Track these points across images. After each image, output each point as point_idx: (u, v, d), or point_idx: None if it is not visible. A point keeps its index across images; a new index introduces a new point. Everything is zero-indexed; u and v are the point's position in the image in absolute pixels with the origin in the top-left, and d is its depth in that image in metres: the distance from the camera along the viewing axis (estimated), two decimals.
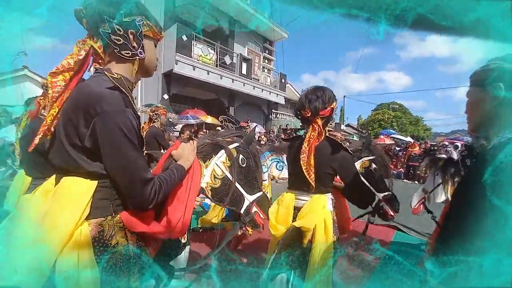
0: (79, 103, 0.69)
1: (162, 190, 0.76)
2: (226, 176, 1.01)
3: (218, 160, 1.02)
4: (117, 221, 0.74)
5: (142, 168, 0.72)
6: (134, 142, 0.71)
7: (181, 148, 0.93)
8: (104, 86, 0.70)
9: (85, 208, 0.68)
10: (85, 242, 0.67)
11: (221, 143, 1.05)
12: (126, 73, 0.79)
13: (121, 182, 0.71)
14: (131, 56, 0.77)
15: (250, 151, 1.12)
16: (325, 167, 1.28)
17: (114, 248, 0.71)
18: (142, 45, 0.77)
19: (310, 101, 1.27)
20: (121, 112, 0.69)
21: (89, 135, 0.68)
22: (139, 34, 0.76)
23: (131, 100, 0.75)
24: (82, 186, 0.69)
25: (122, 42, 0.73)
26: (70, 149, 0.70)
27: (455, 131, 17.16)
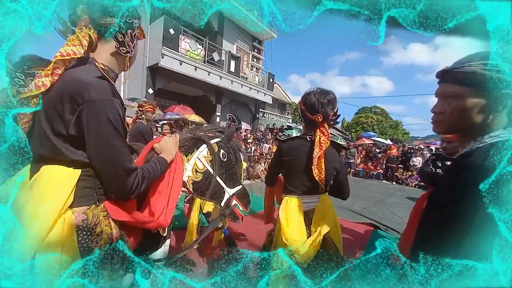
0: (65, 90, 0.68)
1: (145, 181, 0.77)
2: (208, 170, 1.04)
3: (199, 154, 1.04)
4: (101, 209, 0.74)
5: (127, 158, 0.73)
6: (120, 132, 0.71)
7: (164, 141, 0.95)
8: (93, 75, 0.71)
9: (69, 197, 0.68)
10: (68, 230, 0.67)
11: (203, 137, 1.08)
12: (112, 65, 0.81)
13: (105, 171, 0.71)
14: (125, 53, 0.82)
15: (231, 146, 1.15)
16: (331, 168, 1.28)
17: (99, 237, 0.72)
18: (135, 44, 0.84)
19: (322, 105, 1.23)
20: (109, 101, 0.69)
21: (74, 122, 0.68)
22: (134, 35, 0.82)
23: (117, 91, 0.76)
24: (65, 174, 0.69)
25: (122, 40, 0.79)
26: (53, 137, 0.69)
27: (430, 136, 18.24)
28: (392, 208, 4.94)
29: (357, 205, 4.80)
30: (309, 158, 1.25)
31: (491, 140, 0.59)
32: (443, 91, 0.68)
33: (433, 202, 0.73)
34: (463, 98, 0.62)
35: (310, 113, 1.26)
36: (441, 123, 0.69)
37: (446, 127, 0.69)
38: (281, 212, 1.32)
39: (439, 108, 0.69)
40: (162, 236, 0.96)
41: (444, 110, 0.67)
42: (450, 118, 0.66)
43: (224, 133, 1.17)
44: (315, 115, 1.24)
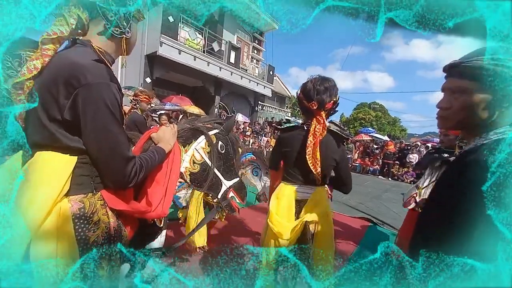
0: (60, 73, 0.65)
1: (143, 169, 0.75)
2: (205, 161, 1.04)
3: (197, 145, 1.04)
4: (98, 198, 0.72)
5: (124, 145, 0.71)
6: (118, 118, 0.69)
7: (162, 131, 0.94)
8: (89, 57, 0.68)
9: (65, 184, 0.65)
10: (64, 218, 0.65)
11: (201, 128, 1.07)
12: (108, 49, 0.77)
13: (102, 158, 0.69)
14: (119, 34, 0.76)
15: (229, 138, 1.15)
16: (329, 159, 1.27)
17: (96, 226, 0.70)
18: (130, 25, 0.78)
19: (318, 92, 1.21)
20: (106, 85, 0.66)
21: (69, 106, 0.65)
22: (128, 14, 0.76)
23: (115, 76, 0.72)
24: (61, 161, 0.67)
25: (114, 19, 0.73)
26: (48, 123, 0.66)
27: (427, 133, 18.35)
28: (387, 204, 5.01)
29: (354, 200, 4.85)
30: (304, 147, 1.24)
31: (496, 137, 0.58)
32: (450, 85, 0.66)
33: (434, 198, 0.72)
34: (470, 93, 0.61)
35: (306, 101, 1.24)
36: (447, 119, 0.68)
37: (452, 122, 0.67)
38: (272, 198, 1.34)
39: (445, 103, 0.67)
40: (158, 227, 0.95)
41: (450, 105, 0.65)
42: (457, 113, 0.64)
43: (222, 124, 1.16)
44: (310, 103, 1.22)
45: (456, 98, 0.64)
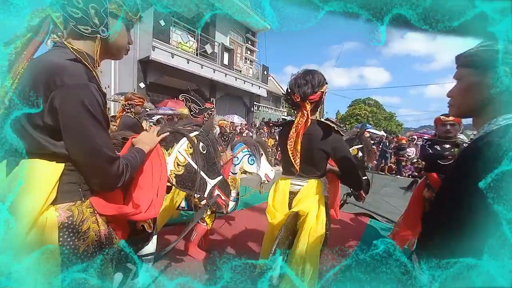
0: (37, 77, 0.62)
1: (129, 169, 0.74)
2: (189, 162, 1.06)
3: (180, 147, 1.06)
4: (87, 205, 0.70)
5: (107, 146, 0.68)
6: (99, 119, 0.66)
7: (142, 134, 0.95)
8: (65, 57, 0.65)
9: (51, 192, 0.63)
10: (51, 228, 0.63)
11: (182, 131, 1.10)
12: (88, 51, 0.73)
13: (85, 162, 0.67)
14: (91, 33, 0.70)
15: (209, 139, 1.19)
16: (317, 151, 1.27)
17: (86, 234, 0.68)
18: (106, 23, 0.71)
19: (299, 85, 1.24)
20: (84, 86, 0.64)
21: (48, 110, 0.62)
22: (104, 11, 0.69)
23: (95, 75, 0.70)
24: (46, 168, 0.64)
25: (81, 16, 0.67)
26: (31, 130, 0.64)
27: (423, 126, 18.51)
28: (386, 198, 5.03)
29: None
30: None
31: (506, 122, 0.59)
32: (455, 75, 0.72)
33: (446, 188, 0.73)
34: (465, 79, 0.67)
35: (292, 94, 1.28)
36: (453, 106, 0.74)
37: (457, 109, 0.73)
38: (271, 191, 1.41)
39: (451, 91, 0.73)
40: (148, 233, 0.94)
41: (453, 93, 0.72)
42: (457, 100, 0.71)
43: (201, 126, 1.20)
44: (293, 95, 1.26)
45: (457, 86, 0.70)
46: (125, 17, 0.75)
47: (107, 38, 0.73)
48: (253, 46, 13.44)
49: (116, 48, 0.79)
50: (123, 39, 0.79)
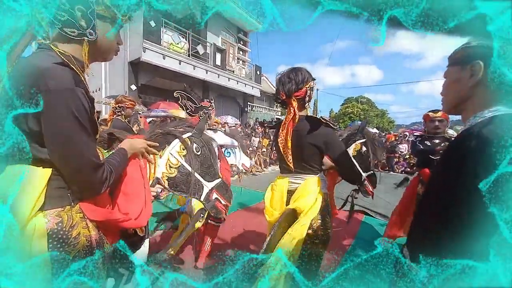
0: (21, 80, 0.60)
1: (113, 174, 0.73)
2: (182, 165, 1.02)
3: (172, 149, 1.03)
4: (76, 210, 0.69)
5: (92, 152, 0.67)
6: (85, 124, 0.65)
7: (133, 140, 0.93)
8: (50, 60, 0.63)
9: (38, 198, 0.62)
10: (39, 235, 0.62)
11: (173, 132, 1.06)
12: (75, 53, 0.71)
13: (68, 167, 0.65)
14: (78, 36, 0.68)
15: (203, 140, 1.15)
16: (308, 146, 1.27)
17: (76, 240, 0.67)
18: (93, 25, 0.69)
19: (283, 83, 1.26)
20: (70, 91, 0.62)
21: (32, 115, 0.60)
22: (90, 13, 0.67)
23: (83, 80, 0.68)
24: (33, 174, 0.63)
25: (67, 18, 0.65)
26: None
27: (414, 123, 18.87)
28: (380, 194, 5.09)
29: (347, 193, 4.90)
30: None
31: (490, 114, 0.61)
32: (443, 74, 0.76)
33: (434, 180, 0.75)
34: (449, 76, 0.72)
35: (277, 93, 1.31)
36: (443, 103, 0.78)
37: (445, 105, 0.77)
38: (268, 191, 1.40)
39: (441, 90, 0.77)
40: (140, 237, 0.92)
41: (442, 91, 0.76)
42: (444, 96, 0.75)
43: (194, 127, 1.16)
44: (279, 94, 1.28)
45: (444, 83, 0.75)
46: (112, 18, 0.73)
47: (95, 40, 0.71)
48: (245, 46, 13.42)
49: (105, 50, 0.77)
50: (111, 40, 0.77)
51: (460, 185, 0.57)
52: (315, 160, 1.32)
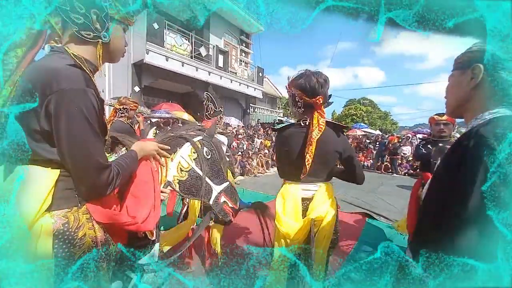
0: (35, 82, 0.62)
1: (120, 176, 0.73)
2: (193, 168, 1.03)
3: (183, 153, 1.03)
4: (83, 212, 0.69)
5: (100, 153, 0.68)
6: (94, 125, 0.66)
7: (144, 142, 0.94)
8: (63, 62, 0.64)
9: (46, 199, 0.62)
10: (45, 236, 0.62)
11: (185, 136, 1.06)
12: (87, 56, 0.72)
13: (75, 167, 0.66)
14: (93, 38, 0.70)
15: (214, 143, 1.15)
16: (330, 153, 1.23)
17: (82, 241, 0.67)
18: (107, 28, 0.72)
19: (322, 85, 1.19)
20: (81, 91, 0.63)
21: (43, 115, 0.62)
22: (105, 16, 0.70)
23: (93, 81, 0.70)
24: (41, 174, 0.64)
25: (83, 21, 0.67)
26: (27, 135, 0.63)
27: (418, 125, 18.75)
28: (383, 196, 5.06)
29: (350, 195, 4.88)
30: (305, 143, 1.20)
31: (491, 116, 0.61)
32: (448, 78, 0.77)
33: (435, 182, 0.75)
34: (451, 80, 0.74)
35: (308, 96, 1.20)
36: (446, 106, 0.79)
37: (448, 108, 0.78)
38: (278, 198, 1.29)
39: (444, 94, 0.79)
40: (150, 240, 0.92)
41: (445, 94, 0.78)
42: (447, 99, 0.77)
43: (205, 131, 1.16)
44: (315, 98, 1.18)
45: (451, 86, 0.75)
46: (122, 21, 0.76)
47: (108, 42, 0.74)
48: (248, 48, 13.47)
49: (116, 51, 0.80)
50: (122, 42, 0.80)
51: (461, 186, 0.57)
52: (332, 166, 1.29)
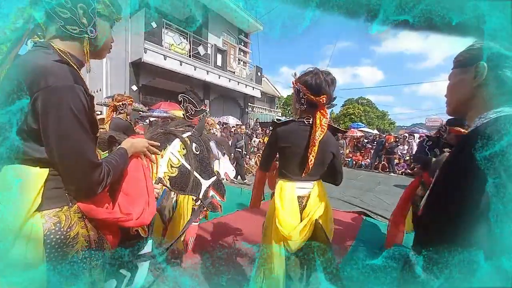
0: (19, 77, 0.60)
1: (110, 175, 0.72)
2: (183, 164, 1.04)
3: (173, 149, 1.04)
4: (74, 211, 0.68)
5: (90, 151, 0.67)
6: (83, 122, 0.64)
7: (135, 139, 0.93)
8: (50, 58, 0.63)
9: (35, 199, 0.61)
10: (36, 236, 0.61)
11: (174, 132, 1.07)
12: (73, 51, 0.71)
13: (65, 166, 0.64)
14: (79, 34, 0.69)
15: (202, 139, 1.17)
16: (327, 153, 1.26)
17: (74, 240, 0.66)
18: (94, 23, 0.70)
19: (328, 85, 1.19)
20: (69, 88, 0.62)
21: (30, 113, 0.60)
22: (91, 11, 0.69)
23: (81, 77, 0.68)
24: (30, 174, 0.62)
25: (69, 16, 0.66)
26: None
27: (415, 124, 18.85)
28: (380, 196, 5.09)
29: (348, 194, 4.90)
30: (309, 142, 1.21)
31: (495, 115, 0.60)
32: (448, 77, 0.75)
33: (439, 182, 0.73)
34: (453, 78, 0.72)
35: (313, 95, 1.19)
36: (447, 105, 0.77)
37: (449, 107, 0.76)
38: (276, 196, 1.28)
39: (445, 93, 0.76)
40: (143, 237, 0.92)
41: (446, 93, 0.76)
42: (448, 98, 0.75)
43: (193, 127, 1.18)
44: (319, 97, 1.18)
45: (448, 86, 0.74)
46: (108, 16, 0.75)
47: (95, 38, 0.72)
48: (246, 47, 13.45)
49: (102, 47, 0.78)
50: (108, 38, 0.79)
51: (467, 186, 0.57)
52: (325, 166, 1.31)
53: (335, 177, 1.38)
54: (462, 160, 0.61)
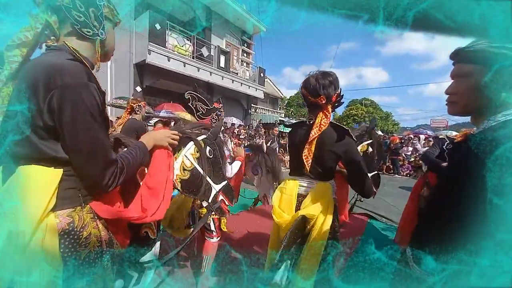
0: (38, 77, 0.62)
1: (124, 171, 0.72)
2: (195, 167, 1.03)
3: (187, 151, 1.03)
4: (87, 211, 0.69)
5: (106, 147, 0.68)
6: (98, 119, 0.66)
7: (154, 131, 0.94)
8: (64, 57, 0.66)
9: (50, 199, 0.62)
10: (51, 236, 0.62)
11: (189, 134, 1.07)
12: (85, 53, 0.74)
13: (82, 161, 0.66)
14: (92, 36, 0.73)
15: (216, 143, 1.17)
16: (328, 153, 1.25)
17: (87, 240, 0.67)
18: (103, 26, 0.75)
19: (323, 86, 1.22)
20: (84, 86, 0.64)
21: (47, 110, 0.62)
22: (100, 14, 0.73)
23: (94, 76, 0.70)
24: (44, 174, 0.64)
25: (83, 19, 0.70)
26: (30, 133, 0.63)
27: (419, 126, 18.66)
28: (385, 198, 5.04)
29: (351, 196, 4.85)
30: (306, 141, 1.25)
31: (504, 118, 0.58)
32: (457, 71, 0.68)
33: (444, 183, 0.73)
34: (474, 76, 0.63)
35: (312, 96, 1.25)
36: (454, 104, 0.69)
37: (459, 107, 0.69)
38: (276, 192, 1.37)
39: (452, 88, 0.69)
40: (151, 239, 0.92)
41: (457, 90, 0.68)
42: (463, 97, 0.66)
43: (209, 130, 1.17)
44: (317, 98, 1.23)
45: (462, 82, 0.66)
46: (112, 19, 0.79)
47: (104, 39, 0.77)
48: (249, 49, 13.48)
49: (109, 49, 0.82)
50: (113, 40, 0.83)
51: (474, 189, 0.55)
52: (330, 166, 1.30)
53: (358, 184, 1.34)
54: (469, 163, 0.60)
